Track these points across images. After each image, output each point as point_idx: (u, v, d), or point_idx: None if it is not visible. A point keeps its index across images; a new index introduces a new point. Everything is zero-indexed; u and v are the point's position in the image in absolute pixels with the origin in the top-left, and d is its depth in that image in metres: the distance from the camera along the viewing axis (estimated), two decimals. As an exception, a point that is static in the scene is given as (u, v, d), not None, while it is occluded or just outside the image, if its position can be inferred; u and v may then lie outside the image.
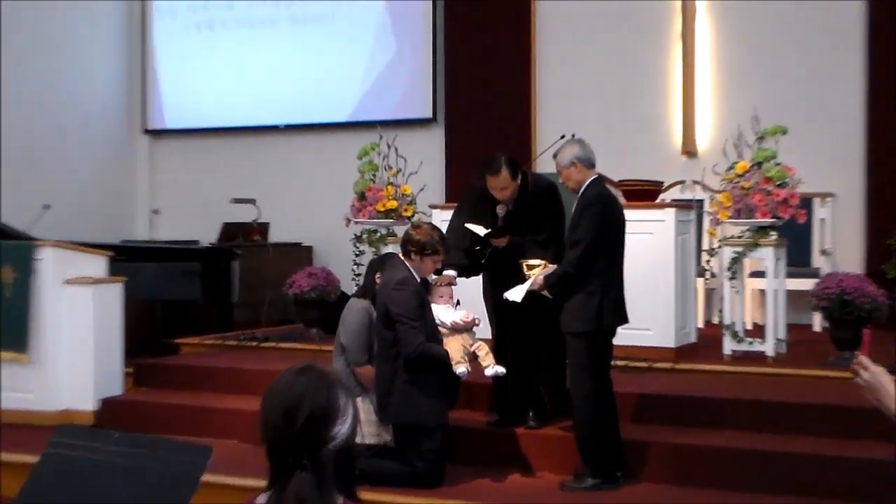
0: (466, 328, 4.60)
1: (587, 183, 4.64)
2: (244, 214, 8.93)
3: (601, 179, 4.75)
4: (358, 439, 1.96)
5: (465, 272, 5.05)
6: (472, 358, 4.59)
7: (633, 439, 4.78)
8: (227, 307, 8.04)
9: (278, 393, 2.00)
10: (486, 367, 4.59)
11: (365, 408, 4.75)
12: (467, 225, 5.00)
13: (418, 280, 4.54)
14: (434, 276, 4.85)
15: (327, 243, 9.01)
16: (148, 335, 7.77)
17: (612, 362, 4.77)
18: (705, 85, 8.04)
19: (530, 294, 4.66)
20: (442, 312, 4.63)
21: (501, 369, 4.60)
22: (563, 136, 5.67)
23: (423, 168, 6.96)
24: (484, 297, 5.29)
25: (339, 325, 5.05)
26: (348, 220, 6.84)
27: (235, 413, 5.73)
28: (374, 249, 6.74)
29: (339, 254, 8.23)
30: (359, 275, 6.69)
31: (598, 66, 8.30)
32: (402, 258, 4.56)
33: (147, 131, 10.11)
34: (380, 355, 4.60)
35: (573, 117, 8.17)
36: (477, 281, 5.32)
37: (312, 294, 7.16)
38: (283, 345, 6.99)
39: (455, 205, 5.36)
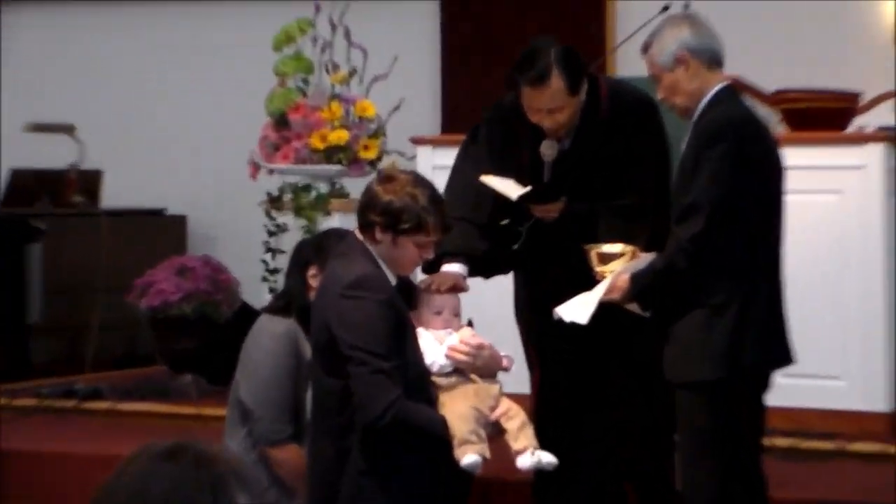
0: (479, 369, 4.67)
1: (709, 97, 4.75)
2: (52, 155, 8.98)
3: (735, 91, 4.84)
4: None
5: (482, 267, 5.15)
6: (495, 433, 4.64)
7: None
8: (16, 335, 8.10)
9: (121, 498, 2.08)
10: (518, 452, 4.64)
11: (288, 527, 4.90)
12: (485, 179, 5.09)
13: (392, 281, 4.58)
14: (423, 277, 4.92)
15: (215, 211, 9.14)
16: None
17: (765, 440, 4.85)
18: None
19: (604, 310, 4.74)
20: (435, 348, 4.67)
21: (549, 457, 4.65)
22: (666, 8, 5.74)
23: (399, 68, 7.08)
24: (517, 316, 5.39)
25: (239, 368, 5.17)
26: (256, 168, 6.98)
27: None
28: (305, 223, 6.86)
29: (237, 231, 8.35)
30: (276, 271, 6.78)
31: None
32: (362, 238, 4.59)
33: None
34: (315, 425, 4.64)
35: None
36: (503, 285, 5.38)
37: (185, 308, 7.25)
38: (128, 406, 7.10)
39: (461, 140, 5.45)
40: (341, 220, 6.60)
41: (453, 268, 4.94)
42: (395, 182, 4.52)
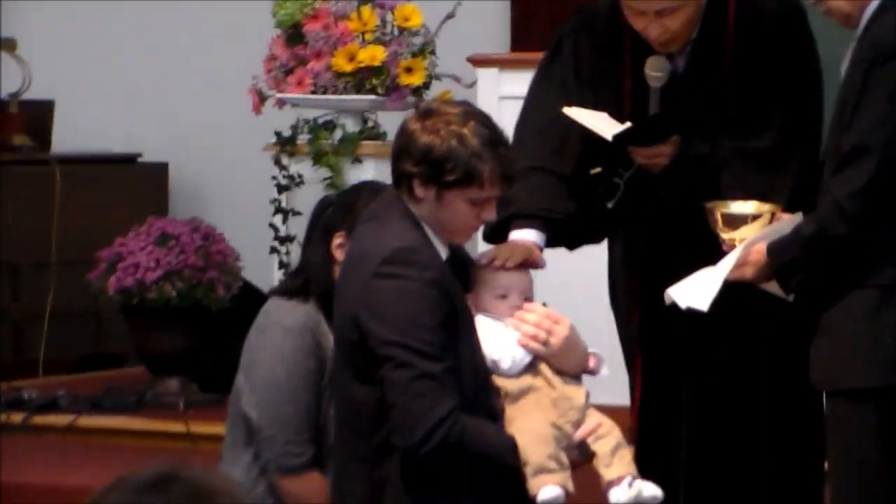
0: (564, 364, 4.72)
1: (878, 2, 4.73)
2: None
3: None
4: None
5: (566, 236, 5.22)
6: (581, 457, 4.70)
7: None
8: None
9: None
10: (612, 482, 4.69)
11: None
12: (570, 112, 5.12)
13: (443, 254, 4.64)
14: (485, 247, 4.96)
15: (206, 158, 9.23)
16: None
17: None
18: None
19: (731, 293, 4.77)
20: (502, 342, 4.73)
21: (652, 489, 4.71)
22: None
23: None
24: (612, 302, 5.47)
25: (241, 372, 5.24)
26: (260, 98, 7.07)
27: None
28: (328, 174, 6.94)
29: (236, 185, 8.47)
30: (289, 239, 6.91)
31: None
32: (399, 195, 4.64)
33: None
34: (342, 448, 4.72)
35: None
36: (593, 259, 5.42)
37: (169, 290, 7.33)
38: (95, 421, 7.20)
39: (539, 58, 5.48)
40: (376, 169, 6.65)
41: (525, 235, 5.00)
42: (438, 117, 4.55)
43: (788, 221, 4.80)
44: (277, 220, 7.04)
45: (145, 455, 6.60)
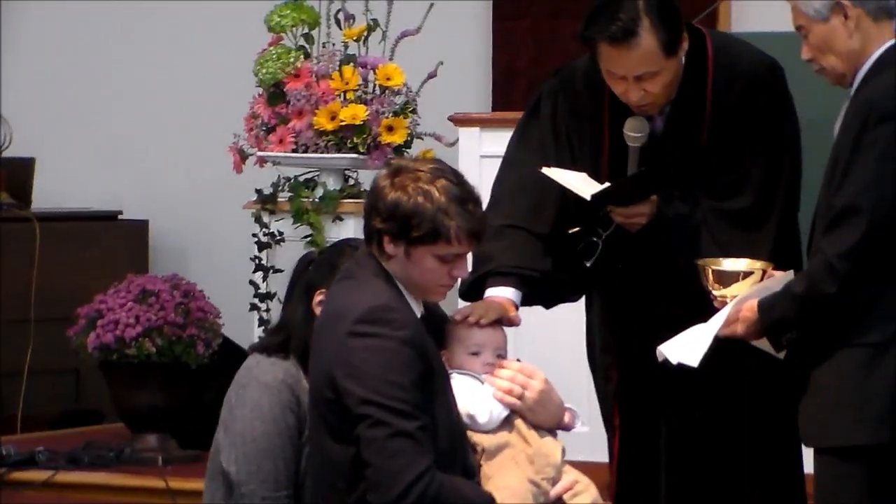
0: (540, 419, 4.73)
1: (874, 59, 4.79)
2: None
3: None
4: None
5: (542, 293, 5.22)
6: None
7: None
8: None
9: None
10: None
11: None
12: (548, 171, 5.14)
13: (417, 311, 4.66)
14: (458, 307, 4.96)
15: (187, 215, 9.20)
16: None
17: None
18: None
19: (719, 349, 4.80)
20: (478, 398, 4.74)
21: None
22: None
23: (435, 19, 7.17)
24: (590, 359, 5.46)
25: (220, 428, 5.22)
26: (241, 157, 7.09)
27: None
28: (309, 232, 6.95)
29: (217, 242, 8.45)
30: (270, 296, 6.93)
31: None
32: (374, 253, 4.65)
33: None
34: (320, 503, 4.70)
35: None
36: (571, 317, 5.44)
37: (148, 347, 7.30)
38: (72, 477, 7.15)
39: (518, 117, 5.51)
40: (357, 227, 6.52)
41: (501, 292, 4.99)
42: (407, 174, 4.56)
43: (780, 279, 4.81)
44: (258, 277, 7.03)
45: None
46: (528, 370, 4.72)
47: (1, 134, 8.89)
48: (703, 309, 4.82)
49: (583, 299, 5.40)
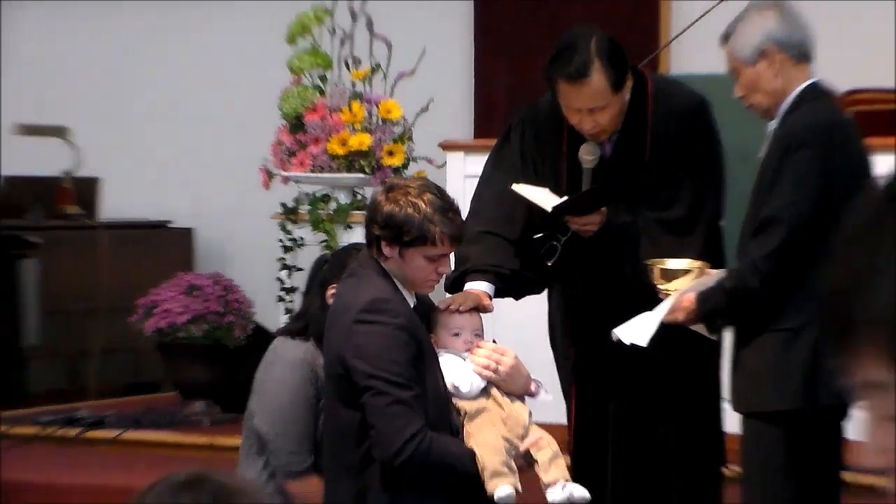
0: (511, 388, 4.71)
1: (794, 96, 4.77)
2: (44, 161, 9.03)
3: (823, 92, 4.85)
4: None
5: (513, 286, 5.18)
6: (524, 465, 4.68)
7: None
8: (12, 357, 8.17)
9: None
10: (549, 485, 4.68)
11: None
12: (517, 188, 5.11)
13: (410, 302, 4.63)
14: (443, 297, 4.93)
15: (225, 224, 9.18)
16: None
17: (846, 476, 4.87)
18: None
19: (664, 334, 4.77)
20: (459, 371, 4.71)
21: (582, 492, 4.68)
22: (723, -3, 5.81)
23: (427, 64, 7.13)
24: (552, 341, 5.43)
25: (253, 396, 5.20)
26: (269, 176, 7.04)
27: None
28: (324, 238, 6.92)
29: (249, 246, 8.40)
30: (292, 290, 6.87)
31: None
32: (372, 255, 4.63)
33: None
34: (333, 458, 4.69)
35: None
36: (536, 306, 5.40)
37: (195, 331, 7.32)
38: (136, 436, 7.18)
39: (493, 143, 5.47)
40: (363, 233, 6.64)
41: (478, 286, 4.96)
42: (398, 190, 4.56)
43: (714, 276, 4.80)
44: (283, 274, 7.00)
45: (176, 463, 6.54)
46: (501, 349, 4.71)
47: (73, 158, 8.86)
48: (648, 299, 4.81)
49: (545, 292, 5.37)
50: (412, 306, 4.58)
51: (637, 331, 4.77)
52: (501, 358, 4.67)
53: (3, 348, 8.01)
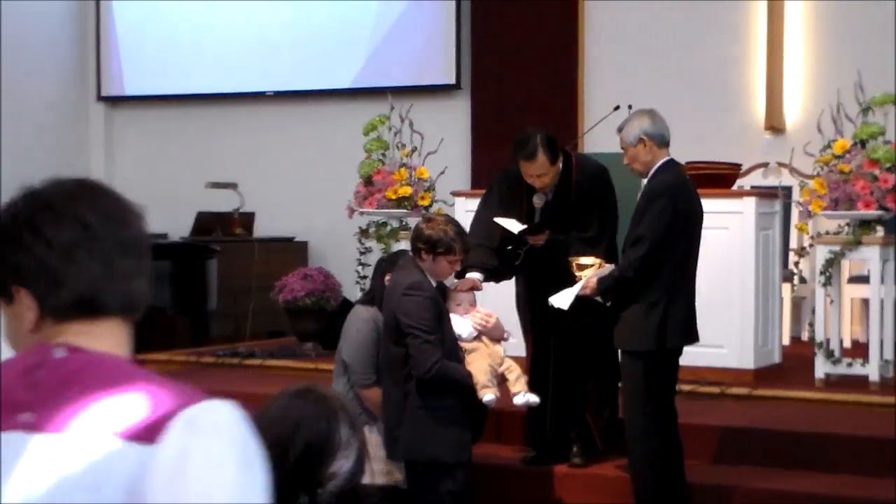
0: (492, 335, 4.69)
1: (657, 166, 4.71)
2: (223, 202, 9.02)
3: (674, 163, 4.80)
4: (366, 478, 2.05)
5: (494, 275, 5.14)
6: (502, 381, 4.67)
7: (702, 483, 4.85)
8: (201, 317, 8.12)
9: (268, 421, 2.06)
10: (515, 394, 4.66)
11: (374, 440, 4.80)
12: (497, 219, 5.10)
13: (434, 284, 4.55)
14: (454, 280, 4.93)
15: (326, 239, 9.09)
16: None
17: (677, 387, 4.82)
18: (796, 42, 7.99)
19: (579, 300, 4.74)
20: (462, 324, 4.71)
21: (534, 398, 4.67)
22: (616, 108, 5.79)
23: (444, 146, 7.03)
24: (517, 306, 5.39)
25: (341, 339, 5.11)
26: (352, 211, 6.93)
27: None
28: (383, 246, 6.81)
29: (340, 251, 8.31)
30: (364, 277, 6.75)
31: (659, 20, 8.30)
32: (414, 258, 4.64)
33: (102, 98, 10.15)
34: (388, 376, 4.63)
35: (629, 82, 8.18)
36: (507, 288, 5.39)
37: (307, 301, 7.26)
38: (272, 362, 7.09)
39: (483, 193, 5.46)
40: (406, 245, 6.48)
41: (474, 275, 4.95)
42: (433, 222, 4.59)
43: (608, 268, 4.76)
44: (359, 268, 6.93)
45: (296, 379, 6.54)
46: (488, 313, 4.70)
47: (238, 200, 8.87)
48: (571, 281, 4.78)
49: (514, 278, 5.35)
50: (435, 286, 4.59)
51: (562, 299, 4.73)
52: (489, 318, 4.69)
53: (197, 311, 7.94)
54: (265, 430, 2.00)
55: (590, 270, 4.73)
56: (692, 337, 4.72)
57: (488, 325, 4.67)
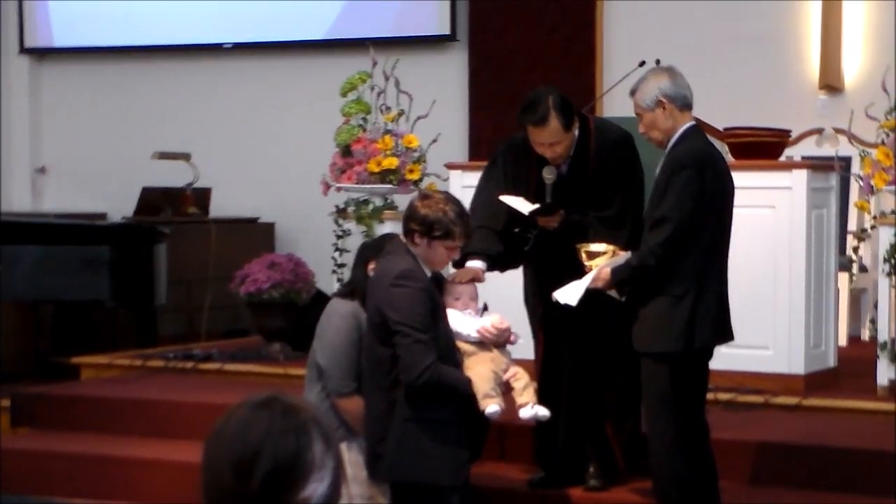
0: (498, 342, 4.69)
1: (679, 133, 4.73)
2: (173, 176, 9.00)
3: (700, 129, 4.83)
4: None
5: (499, 264, 5.15)
6: (507, 390, 4.67)
7: (741, 508, 4.88)
8: (148, 312, 8.11)
9: (228, 437, 2.06)
10: (521, 406, 4.67)
11: (353, 458, 4.83)
12: (502, 197, 5.10)
13: (428, 274, 4.54)
14: (452, 270, 4.94)
15: (296, 219, 9.09)
16: (30, 352, 7.95)
17: (710, 396, 4.91)
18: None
19: (591, 295, 4.76)
20: (461, 321, 4.69)
21: (544, 412, 4.69)
22: (642, 63, 5.76)
23: (436, 110, 7.04)
24: (525, 301, 5.40)
25: (315, 339, 5.13)
26: (327, 186, 6.94)
27: (162, 466, 5.86)
28: (365, 229, 6.83)
29: (313, 235, 8.31)
30: (342, 265, 6.77)
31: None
32: (405, 241, 4.63)
33: (26, 50, 10.08)
34: (371, 382, 4.64)
35: (655, 36, 8.19)
36: (515, 278, 5.40)
37: (274, 293, 7.26)
38: (232, 367, 7.11)
39: (484, 165, 5.45)
40: (392, 226, 6.55)
41: (475, 264, 4.95)
42: (431, 199, 4.56)
43: (623, 256, 4.78)
44: (336, 254, 6.94)
45: (261, 387, 6.57)
46: (500, 319, 4.68)
47: (192, 174, 8.88)
48: (581, 271, 4.81)
49: (521, 267, 5.37)
50: (429, 276, 4.56)
51: (569, 294, 4.75)
52: (500, 329, 4.66)
53: (142, 306, 7.93)
54: (224, 449, 2.04)
55: (601, 259, 4.76)
56: (725, 335, 4.76)
57: (498, 338, 4.68)
